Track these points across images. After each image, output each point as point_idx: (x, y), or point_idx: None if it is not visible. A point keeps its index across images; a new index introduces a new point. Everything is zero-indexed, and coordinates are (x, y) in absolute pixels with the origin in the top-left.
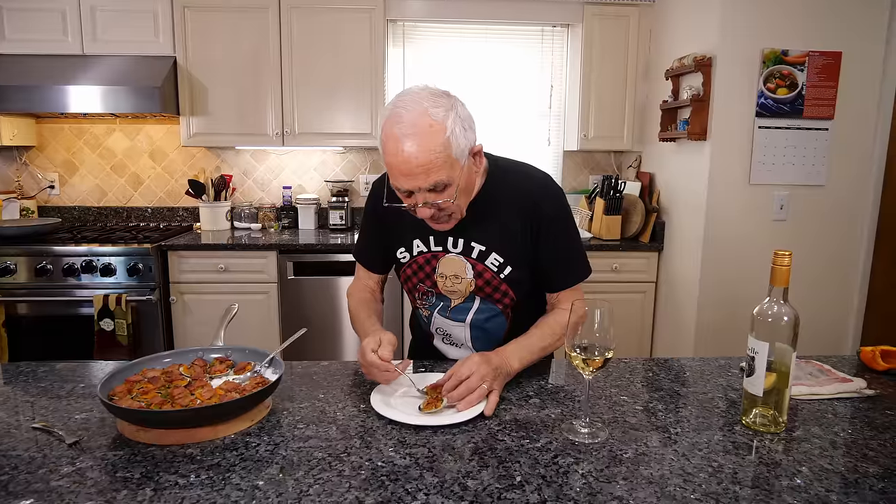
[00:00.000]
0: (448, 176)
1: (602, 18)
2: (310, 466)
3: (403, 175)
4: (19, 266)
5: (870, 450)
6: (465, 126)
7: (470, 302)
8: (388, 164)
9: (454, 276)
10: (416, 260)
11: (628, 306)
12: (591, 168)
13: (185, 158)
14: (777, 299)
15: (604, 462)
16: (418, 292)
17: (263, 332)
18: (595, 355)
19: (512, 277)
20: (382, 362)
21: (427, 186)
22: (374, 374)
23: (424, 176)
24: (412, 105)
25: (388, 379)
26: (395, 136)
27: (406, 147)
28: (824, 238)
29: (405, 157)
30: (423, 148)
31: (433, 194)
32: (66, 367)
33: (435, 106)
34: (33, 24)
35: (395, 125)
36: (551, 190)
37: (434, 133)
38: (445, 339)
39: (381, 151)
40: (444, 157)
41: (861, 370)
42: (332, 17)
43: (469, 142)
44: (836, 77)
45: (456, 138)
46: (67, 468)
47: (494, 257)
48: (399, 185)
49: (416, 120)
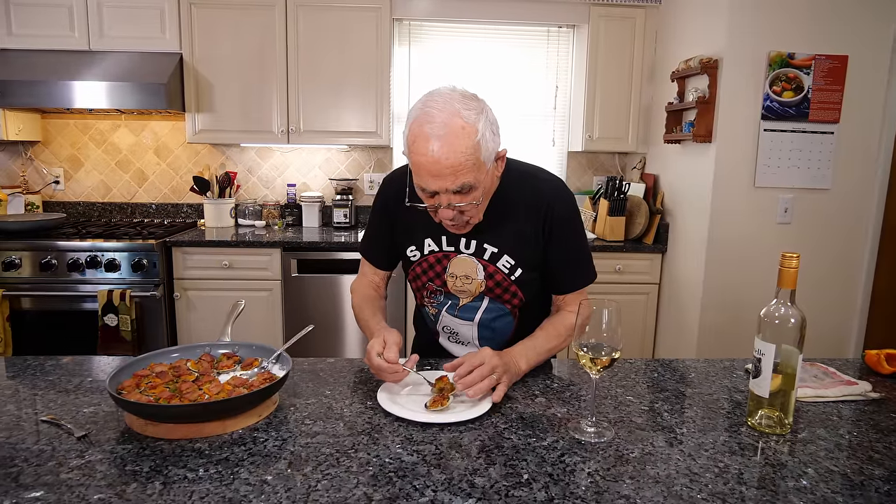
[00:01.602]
0: (475, 179)
1: (608, 19)
2: (318, 462)
3: (431, 175)
4: (24, 261)
5: (875, 452)
6: (493, 130)
7: (479, 301)
8: (415, 163)
9: (465, 277)
10: (426, 259)
11: (631, 307)
12: (595, 169)
13: (189, 155)
14: (784, 301)
15: (610, 461)
16: (426, 291)
17: (267, 329)
18: (602, 354)
19: (522, 279)
20: (390, 365)
21: (454, 188)
22: (383, 376)
23: (452, 177)
24: (444, 105)
25: (397, 379)
26: (426, 135)
27: (437, 147)
28: (829, 241)
29: (435, 158)
30: (454, 149)
31: (458, 196)
32: (73, 361)
33: (466, 108)
34: (40, 20)
35: (426, 124)
36: (564, 193)
37: (466, 135)
38: (452, 338)
39: (406, 150)
40: (473, 160)
41: (866, 373)
42: (339, 15)
43: (496, 146)
44: (843, 80)
45: (485, 142)
46: (77, 461)
47: (506, 259)
48: (425, 185)
49: (447, 120)
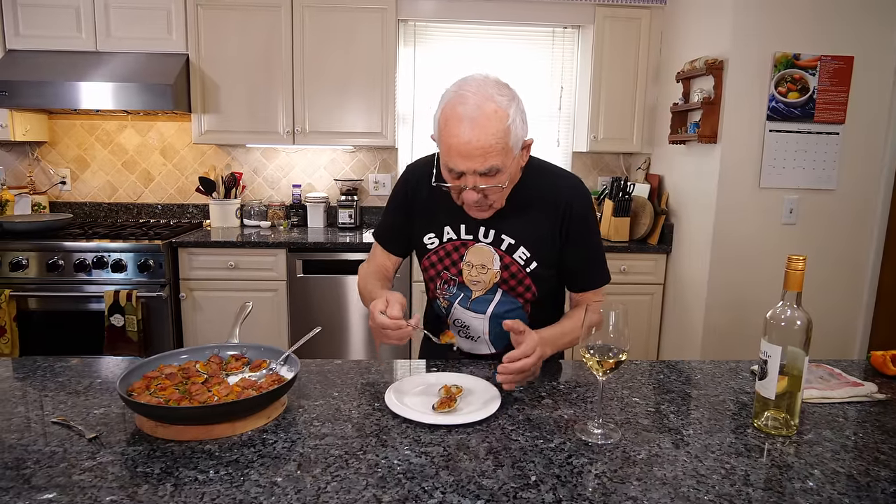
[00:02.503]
0: (502, 162)
1: (613, 20)
2: (327, 464)
3: (461, 156)
4: (31, 261)
5: (881, 453)
6: (523, 119)
7: (491, 294)
8: (445, 144)
9: (480, 266)
10: (444, 246)
11: (636, 308)
12: (600, 169)
13: (195, 155)
14: (790, 303)
15: (617, 463)
16: (440, 280)
17: (272, 330)
18: (609, 356)
19: (536, 273)
20: (393, 321)
21: (482, 170)
22: (387, 335)
23: (482, 159)
24: (478, 89)
25: (402, 337)
26: (459, 116)
27: (468, 128)
28: (834, 242)
29: (466, 139)
30: (486, 131)
31: (484, 178)
32: (81, 362)
33: (500, 94)
34: (47, 21)
35: (460, 105)
36: (583, 191)
37: (498, 119)
38: (462, 332)
39: (437, 131)
40: (502, 144)
41: (872, 374)
42: (344, 16)
43: (524, 134)
44: (848, 81)
45: (516, 128)
46: (88, 462)
47: (523, 251)
48: (453, 166)
49: (481, 103)
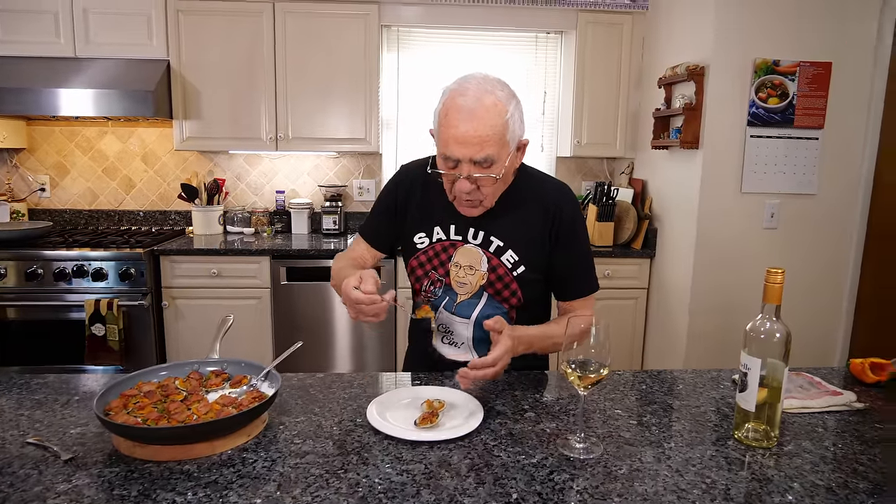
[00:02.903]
0: (498, 154)
1: (596, 26)
2: (307, 483)
3: (458, 143)
4: (9, 270)
5: (860, 464)
6: (521, 118)
7: (477, 298)
8: (444, 132)
9: (468, 267)
10: (433, 246)
11: (620, 312)
12: (583, 174)
13: (177, 162)
14: (769, 316)
15: (599, 478)
16: (428, 280)
17: (256, 338)
18: (590, 371)
19: (523, 277)
20: (368, 295)
21: (477, 158)
22: (362, 311)
23: (478, 147)
24: (479, 83)
25: (377, 312)
26: (459, 105)
27: (467, 116)
28: (815, 246)
29: (465, 127)
30: (484, 121)
31: (478, 168)
32: (59, 378)
33: (500, 90)
34: (25, 27)
35: (460, 97)
36: (571, 198)
37: (497, 112)
38: (446, 338)
39: (436, 122)
40: (499, 136)
41: (851, 382)
42: (327, 21)
43: (522, 132)
44: (827, 87)
45: (513, 123)
46: (63, 486)
47: (511, 254)
48: (449, 153)
49: (481, 95)
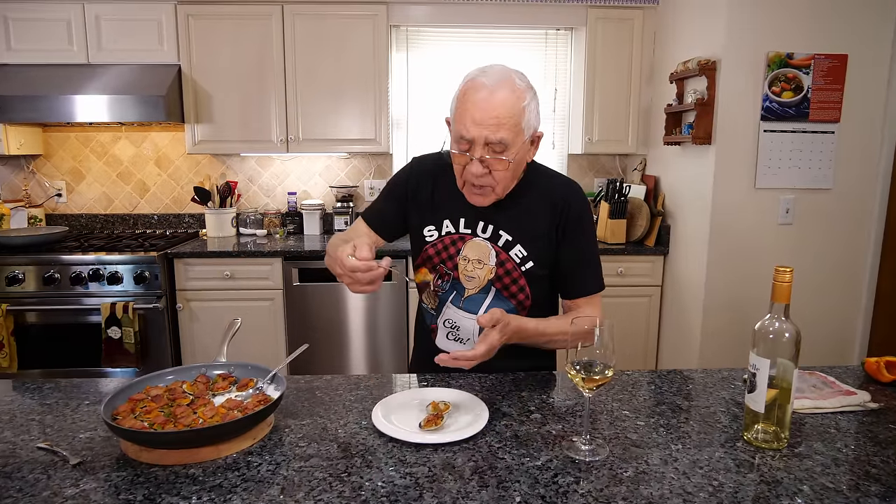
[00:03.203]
0: (512, 139)
1: (606, 21)
2: (310, 487)
3: (474, 122)
4: (27, 275)
5: (872, 466)
6: (538, 110)
7: (485, 293)
8: (459, 112)
9: (477, 261)
10: (442, 240)
11: (633, 310)
12: (595, 171)
13: (190, 165)
14: (778, 316)
15: (604, 481)
16: (436, 273)
17: (269, 339)
18: (594, 373)
19: (531, 273)
20: (364, 262)
21: (492, 139)
22: (358, 279)
23: (494, 128)
24: (500, 70)
25: (373, 279)
26: (479, 84)
27: (486, 95)
28: (831, 242)
29: (483, 106)
30: (502, 103)
31: (491, 151)
32: (70, 383)
33: (520, 79)
34: (38, 34)
35: (481, 76)
36: (581, 194)
37: (515, 96)
38: (451, 334)
39: (453, 107)
40: (515, 120)
41: (866, 382)
42: (336, 23)
43: (537, 123)
44: (843, 80)
45: (529, 112)
46: (71, 490)
47: (519, 249)
48: (464, 133)
49: (501, 80)
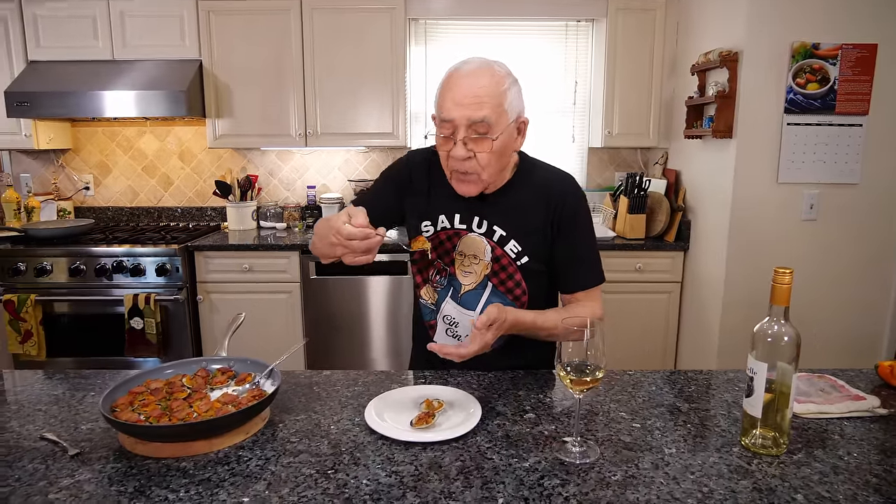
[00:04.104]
0: (495, 118)
1: (627, 12)
2: (296, 483)
3: (455, 103)
4: (55, 266)
5: (874, 476)
6: (520, 95)
7: (482, 289)
8: (440, 98)
9: (472, 256)
10: (438, 235)
11: (652, 306)
12: (616, 164)
13: (212, 159)
14: (778, 318)
15: (590, 485)
16: (433, 269)
17: (286, 332)
18: (585, 374)
19: (527, 267)
20: (361, 229)
21: (475, 117)
22: (353, 247)
23: (475, 107)
24: (479, 59)
25: (370, 248)
26: (459, 70)
27: (466, 77)
28: (857, 239)
29: (463, 88)
30: (481, 84)
31: (474, 131)
32: (78, 374)
33: (499, 66)
34: (66, 31)
35: (462, 65)
36: (576, 188)
37: (495, 80)
38: (450, 331)
39: (436, 97)
40: (496, 101)
41: (879, 386)
42: (353, 16)
43: (520, 108)
44: (872, 70)
45: (511, 95)
46: (67, 480)
47: (514, 244)
48: (446, 115)
49: (481, 65)
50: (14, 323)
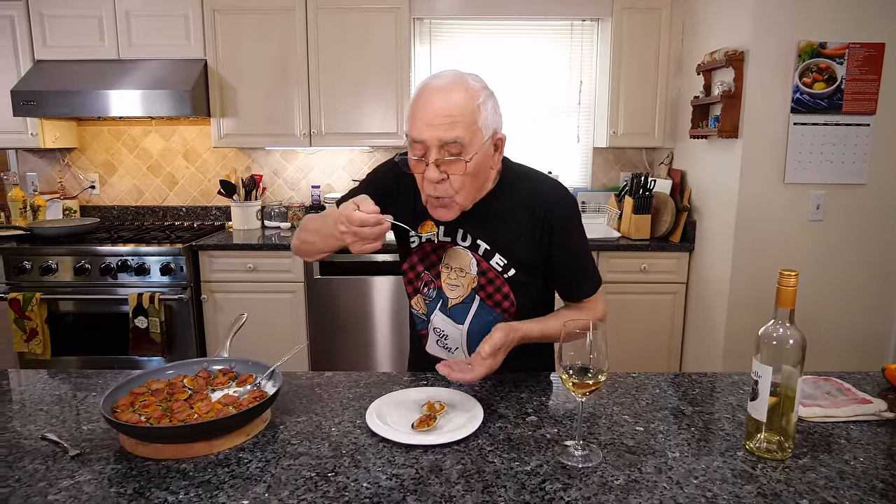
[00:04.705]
0: (468, 138)
1: (632, 11)
2: (296, 486)
3: (425, 123)
4: (60, 265)
5: (880, 481)
6: (496, 110)
7: (469, 302)
8: (412, 114)
9: (459, 269)
10: (423, 247)
11: (657, 307)
12: (622, 165)
13: (217, 158)
14: (783, 321)
15: (592, 489)
16: (421, 282)
17: (290, 332)
18: (588, 378)
19: (515, 279)
20: (374, 216)
21: (446, 138)
22: (363, 234)
23: (446, 127)
24: (452, 72)
25: (380, 234)
26: (430, 86)
27: (436, 95)
28: (864, 239)
29: (434, 106)
30: (453, 101)
31: (446, 153)
32: (81, 374)
33: (473, 79)
34: (71, 30)
35: (433, 80)
36: (564, 196)
37: (468, 95)
38: (440, 342)
39: (409, 109)
40: (469, 119)
41: (886, 389)
42: (358, 16)
43: (496, 124)
44: (879, 70)
45: (486, 110)
46: (67, 481)
47: (499, 257)
48: (416, 136)
49: (453, 79)
50: (19, 321)
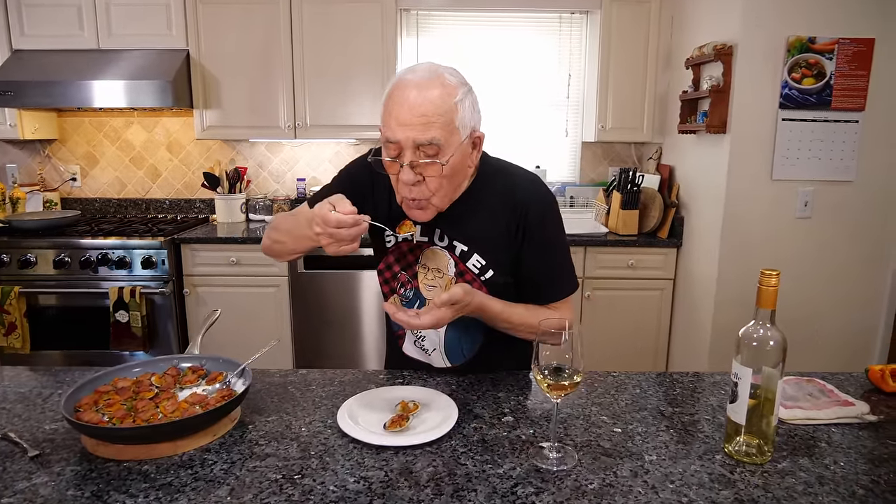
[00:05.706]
0: (444, 139)
1: (622, 4)
2: (260, 489)
3: (400, 123)
4: (40, 258)
5: (860, 487)
6: (474, 107)
7: None
8: (386, 112)
9: (437, 270)
10: (399, 247)
11: (645, 304)
12: (611, 159)
13: (201, 150)
14: (763, 322)
15: (565, 493)
16: (398, 282)
17: (274, 327)
18: (563, 379)
19: (493, 281)
20: (352, 216)
21: (421, 139)
22: (339, 236)
23: (422, 128)
24: (429, 66)
25: (357, 235)
26: (405, 82)
27: (412, 93)
28: (852, 237)
29: (409, 104)
30: (428, 98)
31: (423, 154)
32: (48, 371)
33: (450, 74)
34: (50, 20)
35: (408, 74)
36: (541, 193)
37: (444, 93)
38: (418, 342)
39: (382, 106)
40: (446, 119)
41: (869, 391)
42: (343, 7)
43: (474, 122)
44: (869, 66)
45: (463, 108)
46: (23, 483)
47: (477, 258)
48: (391, 136)
49: (429, 75)
50: None
